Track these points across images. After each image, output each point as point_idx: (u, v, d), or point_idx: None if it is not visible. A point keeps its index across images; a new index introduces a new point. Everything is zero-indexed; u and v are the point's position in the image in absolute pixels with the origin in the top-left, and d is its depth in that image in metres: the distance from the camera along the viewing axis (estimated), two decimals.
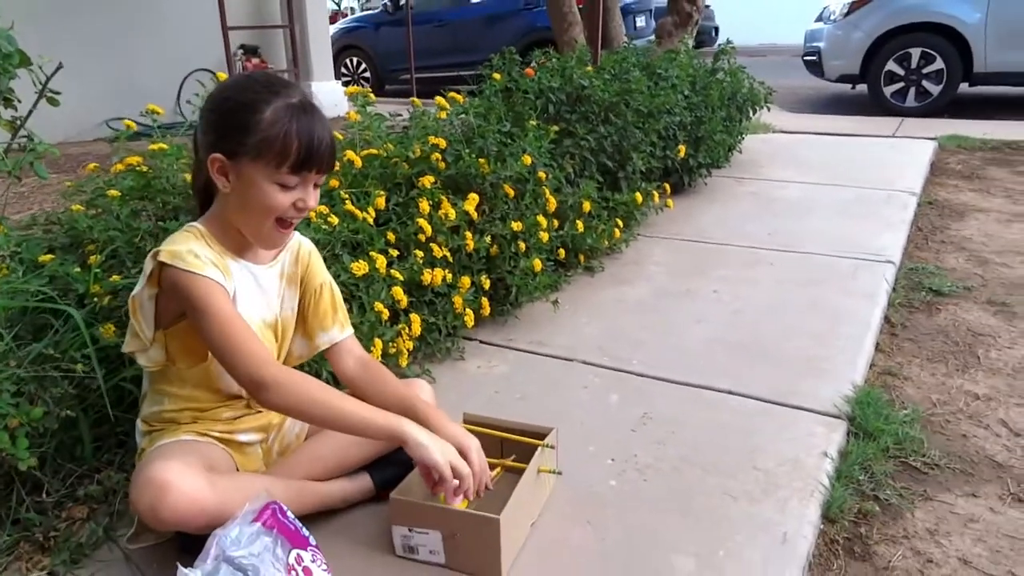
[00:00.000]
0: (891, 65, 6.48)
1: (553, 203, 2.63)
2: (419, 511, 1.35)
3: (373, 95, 2.66)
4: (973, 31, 6.14)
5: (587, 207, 2.80)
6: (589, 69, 3.44)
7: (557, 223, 2.69)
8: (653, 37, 5.93)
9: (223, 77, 2.53)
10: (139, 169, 1.94)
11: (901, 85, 6.51)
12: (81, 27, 5.85)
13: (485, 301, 2.31)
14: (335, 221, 2.00)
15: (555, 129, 2.87)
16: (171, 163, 1.97)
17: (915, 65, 6.39)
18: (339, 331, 1.53)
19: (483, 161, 2.44)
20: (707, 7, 6.81)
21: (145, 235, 1.81)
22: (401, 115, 2.77)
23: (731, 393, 1.97)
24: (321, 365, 1.77)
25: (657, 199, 3.34)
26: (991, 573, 1.41)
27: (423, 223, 2.19)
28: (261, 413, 1.51)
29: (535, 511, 1.50)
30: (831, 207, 3.64)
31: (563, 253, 2.73)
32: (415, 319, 2.03)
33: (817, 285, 2.66)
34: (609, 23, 5.17)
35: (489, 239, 2.36)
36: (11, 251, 1.80)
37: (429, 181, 2.30)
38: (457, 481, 1.29)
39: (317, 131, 1.29)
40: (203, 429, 1.40)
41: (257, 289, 1.41)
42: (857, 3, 6.66)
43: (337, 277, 1.74)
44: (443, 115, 2.67)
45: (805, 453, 1.70)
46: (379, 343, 1.89)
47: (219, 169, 1.28)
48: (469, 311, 2.21)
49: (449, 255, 2.26)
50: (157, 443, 1.37)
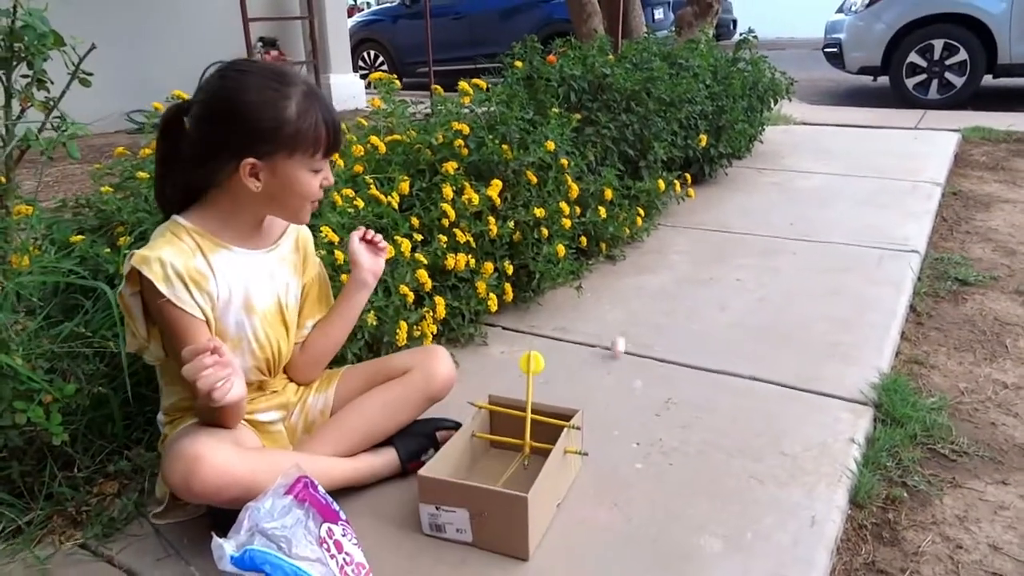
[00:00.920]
0: (913, 57, 6.40)
1: (575, 190, 2.63)
2: (447, 489, 1.36)
3: (398, 82, 2.66)
4: (998, 21, 6.04)
5: (609, 195, 2.79)
6: (611, 58, 3.42)
7: (579, 210, 2.69)
8: (673, 28, 5.90)
9: None
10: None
11: (923, 77, 6.43)
12: (101, 18, 5.88)
13: (508, 287, 2.31)
14: (361, 204, 2.00)
15: (577, 117, 2.86)
16: None
17: (938, 57, 6.31)
18: (318, 317, 1.58)
19: (506, 147, 2.44)
20: None
21: None
22: (423, 103, 2.78)
23: (755, 379, 1.96)
24: None
25: (679, 188, 3.32)
26: (1022, 559, 1.40)
27: (447, 208, 2.19)
28: (276, 393, 1.52)
29: (562, 491, 1.50)
30: (854, 197, 3.61)
31: (584, 241, 2.72)
32: (439, 302, 2.04)
33: (841, 273, 2.64)
34: (629, 13, 5.15)
35: (512, 225, 2.36)
36: (42, 233, 1.82)
37: (452, 167, 2.30)
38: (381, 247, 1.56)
39: (334, 113, 1.32)
40: None
41: (265, 274, 1.42)
42: None
43: None
44: (467, 100, 2.67)
45: (832, 438, 1.69)
46: (404, 325, 1.90)
47: (251, 171, 1.28)
48: (492, 296, 2.21)
49: (472, 240, 2.26)
50: (182, 426, 1.38)
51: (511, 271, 2.35)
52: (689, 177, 3.50)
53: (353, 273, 1.55)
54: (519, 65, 3.08)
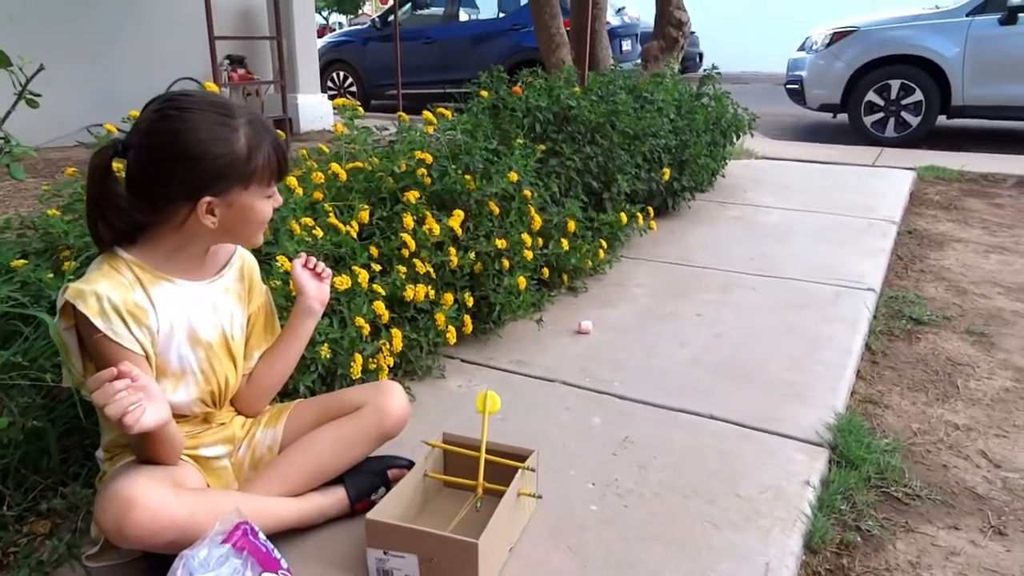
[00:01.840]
0: (871, 95, 6.59)
1: (538, 221, 2.62)
2: (395, 533, 1.32)
3: (362, 108, 2.64)
4: (951, 64, 6.26)
5: (572, 227, 2.80)
6: (577, 90, 3.45)
7: (542, 242, 2.68)
8: (639, 60, 5.98)
9: (210, 86, 2.50)
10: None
11: (881, 115, 6.61)
12: (64, 32, 5.78)
13: (468, 318, 2.29)
14: (320, 234, 1.97)
15: (542, 148, 2.86)
16: None
17: (895, 96, 6.51)
18: (265, 347, 1.55)
19: (469, 177, 2.43)
20: (692, 33, 6.89)
21: None
22: (388, 129, 2.76)
23: (713, 418, 1.95)
24: None
25: (641, 221, 3.34)
26: None
27: (407, 238, 2.16)
28: (224, 425, 1.48)
29: (514, 535, 1.46)
30: (812, 233, 3.67)
31: (547, 272, 2.71)
32: (396, 334, 2.00)
33: (799, 311, 2.67)
34: (596, 45, 5.20)
35: (473, 256, 2.34)
36: None
37: (414, 196, 2.28)
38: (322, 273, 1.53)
39: (278, 139, 1.32)
40: None
41: (208, 305, 1.38)
42: (839, 34, 6.79)
43: None
44: (430, 130, 2.66)
45: (787, 481, 1.69)
46: (359, 358, 1.86)
47: (207, 209, 1.24)
48: (451, 328, 2.18)
49: (432, 271, 2.23)
50: (120, 464, 1.32)
51: (471, 303, 2.33)
52: (652, 210, 3.53)
53: (299, 301, 1.52)
54: (485, 94, 3.08)
